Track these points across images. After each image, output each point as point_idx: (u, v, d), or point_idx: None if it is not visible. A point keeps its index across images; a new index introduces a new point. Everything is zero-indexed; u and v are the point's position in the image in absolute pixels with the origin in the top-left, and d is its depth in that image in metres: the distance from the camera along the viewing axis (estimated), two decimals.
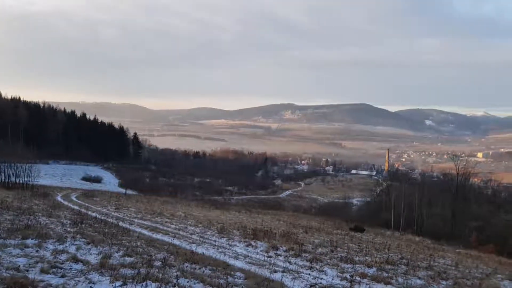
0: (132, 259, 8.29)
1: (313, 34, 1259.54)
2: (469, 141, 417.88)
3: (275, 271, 9.01)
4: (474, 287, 9.35)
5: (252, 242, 13.25)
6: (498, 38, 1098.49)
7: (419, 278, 9.83)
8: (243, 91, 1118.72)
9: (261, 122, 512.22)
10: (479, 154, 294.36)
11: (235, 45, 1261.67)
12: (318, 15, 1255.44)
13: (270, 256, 11.22)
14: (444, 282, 9.66)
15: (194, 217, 21.96)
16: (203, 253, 10.48)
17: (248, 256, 11.20)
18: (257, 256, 11.19)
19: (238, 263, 9.79)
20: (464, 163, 52.06)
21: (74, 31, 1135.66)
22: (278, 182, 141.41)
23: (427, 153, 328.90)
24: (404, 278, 9.51)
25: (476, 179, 79.57)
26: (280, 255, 11.46)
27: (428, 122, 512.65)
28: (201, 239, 13.72)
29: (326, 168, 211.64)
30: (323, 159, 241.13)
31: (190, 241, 13.06)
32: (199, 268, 8.32)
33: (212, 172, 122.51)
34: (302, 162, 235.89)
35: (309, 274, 9.09)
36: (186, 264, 8.52)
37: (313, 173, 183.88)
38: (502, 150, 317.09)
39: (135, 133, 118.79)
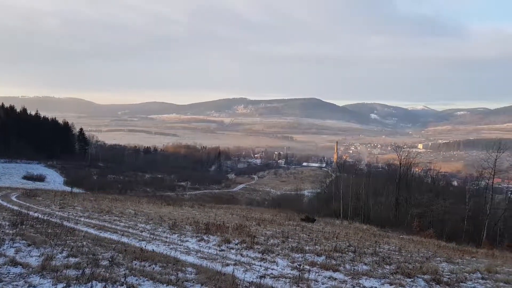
0: (77, 259, 7.93)
1: (265, 29, 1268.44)
2: (410, 133, 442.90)
3: (227, 264, 9.03)
4: (415, 270, 9.94)
5: (205, 237, 13.18)
6: (435, 36, 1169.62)
7: (365, 264, 10.30)
8: (195, 85, 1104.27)
9: (214, 117, 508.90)
10: (420, 145, 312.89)
11: (187, 38, 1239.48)
12: (270, 11, 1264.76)
13: (223, 250, 11.23)
14: (388, 267, 10.19)
15: (144, 214, 21.41)
16: (153, 250, 10.26)
17: (200, 251, 11.13)
18: (210, 251, 11.15)
19: (190, 259, 9.70)
20: (406, 154, 54.73)
21: (13, 20, 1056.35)
22: (231, 176, 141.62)
23: (372, 145, 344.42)
24: (351, 264, 9.92)
25: (417, 169, 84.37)
26: (233, 248, 11.50)
27: (373, 115, 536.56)
28: (152, 236, 13.43)
29: (278, 161, 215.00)
30: (276, 153, 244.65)
31: (140, 238, 12.73)
32: (149, 266, 8.14)
33: (164, 168, 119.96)
34: (255, 155, 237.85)
35: (261, 266, 9.21)
36: (135, 262, 8.30)
37: (266, 166, 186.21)
38: (440, 141, 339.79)
39: (81, 129, 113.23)
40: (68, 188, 50.20)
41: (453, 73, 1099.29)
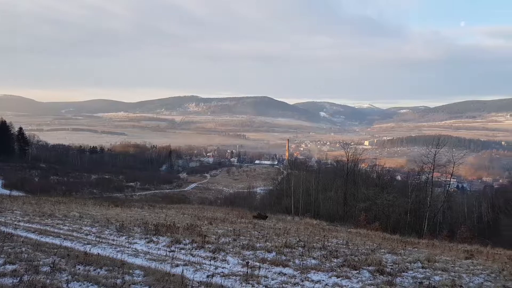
0: (14, 266, 7.43)
1: (213, 26, 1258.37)
2: (357, 130, 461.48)
3: (177, 265, 8.87)
4: (361, 262, 10.35)
5: (154, 238, 12.85)
6: (379, 37, 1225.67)
7: (314, 258, 10.56)
8: (144, 83, 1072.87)
9: (164, 115, 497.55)
10: (366, 142, 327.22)
11: (133, 34, 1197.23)
12: (218, 8, 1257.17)
13: (173, 251, 11.02)
14: (335, 260, 10.52)
15: (90, 216, 20.46)
16: (98, 253, 9.83)
17: (149, 252, 10.84)
18: (159, 252, 10.89)
19: (138, 261, 9.42)
20: (353, 151, 56.71)
21: None
22: (183, 175, 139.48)
23: (322, 142, 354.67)
24: (301, 259, 10.12)
25: (363, 165, 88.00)
26: (183, 249, 11.33)
27: (322, 113, 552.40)
28: (98, 239, 12.89)
29: (231, 159, 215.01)
30: (228, 151, 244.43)
31: (85, 242, 12.17)
32: (94, 270, 7.81)
33: (112, 168, 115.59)
34: (208, 154, 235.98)
35: (211, 265, 9.14)
36: (78, 266, 7.93)
37: (219, 164, 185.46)
38: (385, 138, 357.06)
39: (21, 128, 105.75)
40: (6, 191, 46.84)
41: (396, 73, 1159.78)
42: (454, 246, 22.12)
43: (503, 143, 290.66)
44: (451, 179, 58.29)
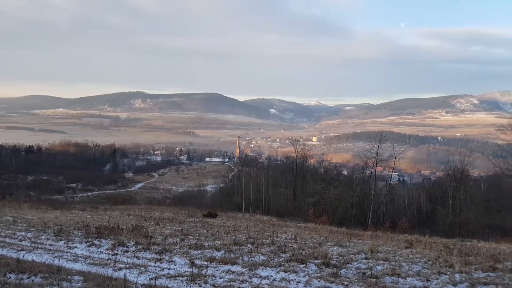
0: None
1: (160, 20, 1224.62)
2: (306, 127, 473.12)
3: (120, 269, 8.46)
4: (308, 256, 10.51)
5: (96, 241, 12.19)
6: (324, 36, 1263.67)
7: (263, 254, 10.57)
8: (85, 78, 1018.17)
9: (107, 112, 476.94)
10: (314, 139, 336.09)
11: (74, 26, 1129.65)
12: (164, 1, 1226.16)
13: (116, 254, 10.51)
14: (283, 255, 10.61)
15: (25, 220, 19.06)
16: (33, 260, 9.13)
17: (90, 256, 10.25)
18: (101, 256, 10.34)
19: (77, 266, 8.87)
20: (302, 147, 57.83)
21: None
22: (129, 175, 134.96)
23: (272, 138, 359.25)
24: (250, 256, 10.08)
25: (312, 161, 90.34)
26: (128, 251, 10.85)
27: (272, 110, 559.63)
28: (34, 244, 12.00)
29: (180, 157, 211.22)
30: (177, 149, 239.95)
31: (19, 248, 11.29)
32: (28, 278, 7.24)
33: (51, 169, 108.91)
34: (155, 152, 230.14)
35: (157, 266, 8.82)
36: (10, 275, 7.31)
37: (167, 163, 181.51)
38: (332, 134, 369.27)
39: None
40: None
41: (341, 71, 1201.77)
42: (396, 236, 23.32)
43: (439, 138, 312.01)
44: (393, 173, 61.50)
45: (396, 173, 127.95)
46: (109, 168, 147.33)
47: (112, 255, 10.33)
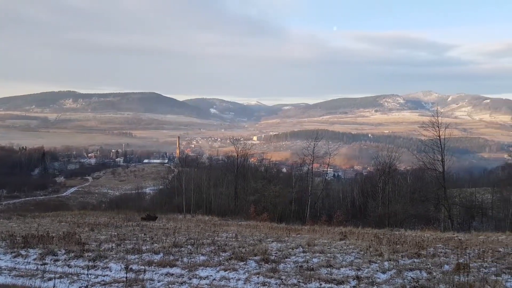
0: None
1: (94, 17, 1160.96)
2: (246, 126, 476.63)
3: (50, 279, 7.96)
4: (248, 253, 10.66)
5: (22, 252, 11.31)
6: (262, 36, 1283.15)
7: (203, 254, 10.53)
8: (9, 77, 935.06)
9: (35, 112, 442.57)
10: (254, 138, 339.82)
11: None
12: None
13: (46, 263, 9.85)
14: (224, 254, 10.66)
15: None
16: None
17: (15, 268, 9.51)
18: (28, 266, 9.63)
19: (0, 279, 8.18)
20: (243, 146, 58.26)
21: None
22: (60, 179, 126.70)
23: (213, 138, 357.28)
24: (189, 257, 9.99)
25: (253, 159, 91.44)
26: (59, 260, 10.22)
27: (212, 110, 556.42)
28: None
29: (116, 159, 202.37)
30: (113, 150, 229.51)
31: None
32: None
33: None
34: (89, 155, 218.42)
35: (91, 274, 8.43)
36: None
37: (102, 165, 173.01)
38: (271, 133, 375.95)
39: None
40: None
41: (279, 71, 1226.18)
42: (332, 229, 24.43)
43: (369, 135, 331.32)
44: (328, 169, 64.38)
45: (331, 169, 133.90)
46: (37, 172, 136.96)
47: (41, 265, 9.67)
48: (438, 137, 32.50)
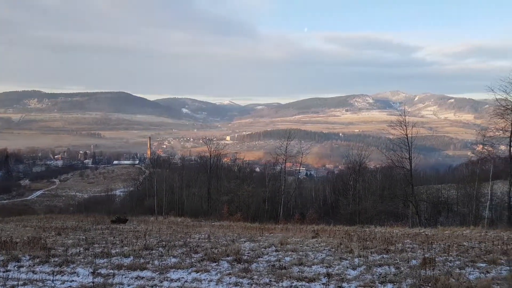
0: None
1: (58, 14, 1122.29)
2: (219, 126, 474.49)
3: (13, 286, 7.62)
4: (220, 253, 10.61)
5: None
6: (233, 36, 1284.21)
7: (175, 256, 10.39)
8: None
9: None
10: (228, 137, 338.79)
11: None
12: None
13: (9, 270, 9.41)
14: (196, 255, 10.55)
15: None
16: None
17: None
18: None
19: None
20: (216, 146, 57.95)
21: None
22: (25, 182, 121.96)
23: (185, 138, 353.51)
24: (160, 260, 9.83)
25: (226, 159, 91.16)
26: (23, 266, 9.78)
27: (184, 110, 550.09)
28: None
29: (85, 161, 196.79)
30: (81, 152, 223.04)
31: None
32: None
33: None
34: (56, 156, 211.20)
35: (57, 280, 8.13)
36: None
37: (70, 167, 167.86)
38: (244, 133, 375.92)
39: None
40: None
41: (252, 71, 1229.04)
42: (304, 227, 24.69)
43: (340, 134, 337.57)
44: (301, 168, 65.06)
45: (304, 168, 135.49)
46: (0, 175, 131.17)
47: (4, 272, 9.23)
48: (405, 136, 33.47)
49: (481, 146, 34.14)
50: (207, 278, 7.97)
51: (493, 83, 26.61)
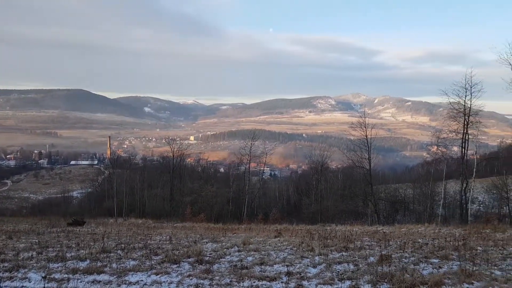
0: None
1: (12, 7, 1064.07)
2: (183, 126, 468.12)
3: None
4: (181, 255, 10.43)
5: None
6: (199, 35, 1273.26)
7: (134, 259, 10.10)
8: None
9: None
10: (191, 137, 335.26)
11: None
12: None
13: None
14: (156, 258, 10.31)
15: None
16: None
17: None
18: None
19: None
20: (179, 146, 57.18)
21: None
22: None
23: (147, 138, 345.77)
24: (119, 263, 9.53)
25: (190, 160, 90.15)
26: None
27: (147, 109, 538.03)
28: None
29: (39, 161, 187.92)
30: (36, 151, 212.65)
31: None
32: None
33: None
34: (8, 156, 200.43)
35: (7, 286, 7.68)
36: None
37: (23, 168, 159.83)
38: (209, 133, 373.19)
39: None
40: None
41: (217, 71, 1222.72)
42: (268, 227, 24.86)
43: (304, 135, 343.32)
44: (265, 168, 65.44)
45: (268, 168, 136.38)
46: None
47: None
48: (365, 137, 34.56)
49: (435, 147, 35.90)
50: (167, 280, 7.81)
51: (447, 87, 28.12)
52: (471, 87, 27.23)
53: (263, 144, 52.46)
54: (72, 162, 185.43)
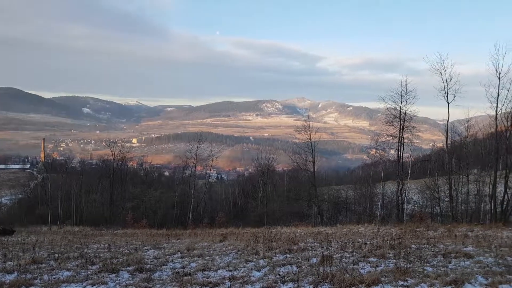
0: None
1: None
2: (125, 128, 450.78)
3: None
4: (120, 264, 9.93)
5: None
6: (142, 34, 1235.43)
7: (68, 269, 9.44)
8: None
9: None
10: (134, 140, 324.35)
11: None
12: None
13: None
14: (93, 267, 9.72)
15: None
16: None
17: None
18: None
19: None
20: (120, 149, 55.13)
21: None
22: None
23: (86, 140, 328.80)
24: (51, 274, 8.85)
25: (132, 163, 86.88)
26: None
27: (85, 110, 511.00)
28: None
29: None
30: None
31: None
32: None
33: None
34: None
35: None
36: None
37: None
38: (153, 135, 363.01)
39: None
40: None
41: (161, 72, 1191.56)
42: (213, 231, 24.61)
43: (251, 138, 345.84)
44: (212, 171, 64.90)
45: (215, 171, 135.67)
46: None
47: None
48: (310, 140, 35.53)
49: (374, 150, 37.77)
50: None
51: (385, 94, 29.72)
52: (406, 94, 29.02)
53: (209, 147, 51.90)
54: (1, 166, 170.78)
